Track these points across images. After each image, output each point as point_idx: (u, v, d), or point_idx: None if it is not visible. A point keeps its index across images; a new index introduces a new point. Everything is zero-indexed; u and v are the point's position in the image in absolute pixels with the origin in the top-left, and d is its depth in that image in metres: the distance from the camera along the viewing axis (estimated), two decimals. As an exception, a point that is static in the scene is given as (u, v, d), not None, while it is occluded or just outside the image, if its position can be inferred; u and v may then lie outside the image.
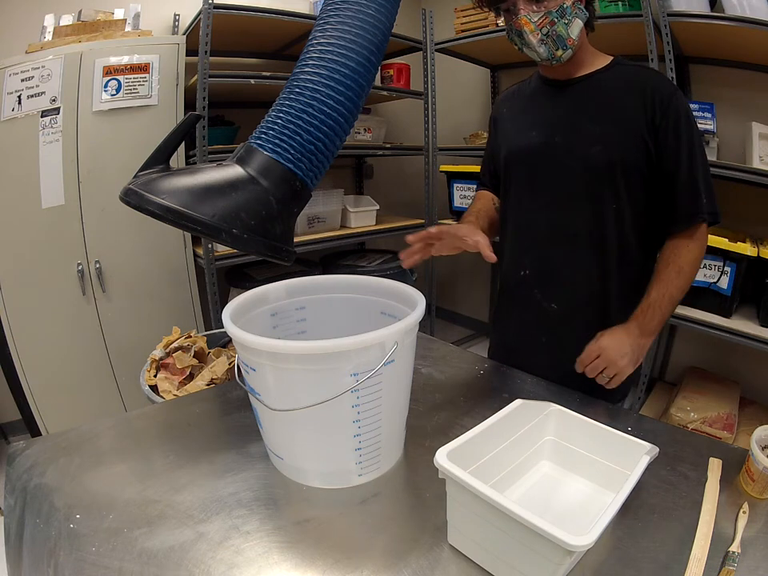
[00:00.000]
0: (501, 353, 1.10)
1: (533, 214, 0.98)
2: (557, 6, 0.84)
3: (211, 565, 0.51)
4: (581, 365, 0.87)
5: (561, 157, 0.93)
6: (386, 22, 0.64)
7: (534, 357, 1.01)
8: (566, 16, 0.85)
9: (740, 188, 1.90)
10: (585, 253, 0.94)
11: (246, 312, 0.71)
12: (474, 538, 0.51)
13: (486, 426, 0.57)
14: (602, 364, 0.85)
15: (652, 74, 0.91)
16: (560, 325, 0.98)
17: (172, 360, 1.31)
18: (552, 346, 0.99)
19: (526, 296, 1.01)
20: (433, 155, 2.66)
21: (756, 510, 0.58)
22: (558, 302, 0.97)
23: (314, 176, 0.63)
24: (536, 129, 0.96)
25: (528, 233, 0.99)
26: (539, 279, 0.99)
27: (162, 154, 0.60)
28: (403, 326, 0.58)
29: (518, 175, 1.01)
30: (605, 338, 0.86)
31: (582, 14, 0.87)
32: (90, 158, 1.84)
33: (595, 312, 0.95)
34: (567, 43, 0.86)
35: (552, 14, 0.84)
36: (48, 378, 1.89)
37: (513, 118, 1.04)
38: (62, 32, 1.84)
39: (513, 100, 1.06)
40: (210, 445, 0.72)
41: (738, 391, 2.06)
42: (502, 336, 1.13)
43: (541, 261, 0.98)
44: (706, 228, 0.90)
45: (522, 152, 0.99)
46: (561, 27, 0.85)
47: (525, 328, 1.04)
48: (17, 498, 0.61)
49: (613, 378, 0.85)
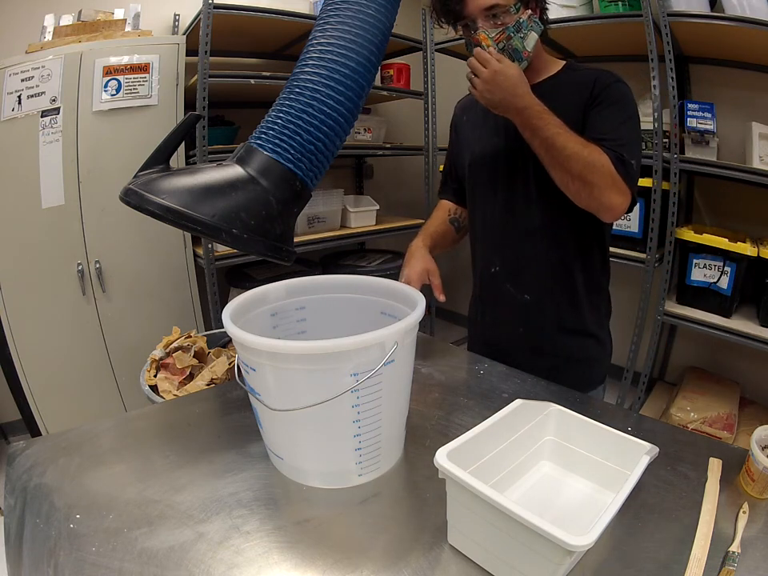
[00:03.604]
0: (480, 349, 1.13)
1: (496, 215, 1.04)
2: (513, 21, 0.87)
3: (211, 565, 0.51)
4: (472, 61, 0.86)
5: (517, 160, 0.98)
6: (386, 22, 0.64)
7: (514, 347, 1.07)
8: (521, 30, 0.88)
9: (740, 188, 1.90)
10: (545, 246, 1.00)
11: (246, 312, 0.71)
12: (474, 537, 0.51)
13: (486, 426, 0.57)
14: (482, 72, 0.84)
15: (599, 72, 0.93)
16: (534, 313, 1.04)
17: (172, 360, 1.31)
18: (530, 334, 1.05)
19: (499, 291, 1.07)
20: (433, 155, 2.66)
21: (756, 510, 0.58)
22: (529, 293, 1.03)
23: (314, 176, 0.63)
24: (497, 135, 1.02)
25: (494, 232, 1.06)
26: (509, 274, 1.05)
27: (162, 153, 0.60)
28: (403, 326, 0.58)
29: (481, 179, 1.07)
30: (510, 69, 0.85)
31: (537, 27, 0.91)
32: (90, 158, 1.84)
33: (565, 296, 1.02)
34: (523, 56, 0.90)
35: (509, 29, 0.88)
36: (48, 378, 1.89)
37: (473, 126, 1.10)
38: (62, 32, 1.84)
39: (473, 108, 1.10)
40: (210, 445, 0.72)
41: (738, 391, 2.07)
42: (480, 332, 1.17)
43: (508, 257, 1.05)
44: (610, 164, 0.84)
45: (484, 158, 1.05)
46: (517, 41, 0.89)
47: (501, 321, 1.09)
48: (17, 498, 0.61)
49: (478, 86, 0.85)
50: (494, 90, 0.85)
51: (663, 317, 1.94)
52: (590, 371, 1.06)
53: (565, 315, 1.02)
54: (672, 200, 1.87)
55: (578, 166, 0.83)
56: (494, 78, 0.84)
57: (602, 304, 1.07)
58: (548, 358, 1.04)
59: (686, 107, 1.89)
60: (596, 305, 1.05)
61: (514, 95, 0.85)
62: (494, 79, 0.84)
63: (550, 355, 1.04)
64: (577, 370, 1.03)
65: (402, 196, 3.24)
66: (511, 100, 0.85)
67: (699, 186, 2.18)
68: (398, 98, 2.67)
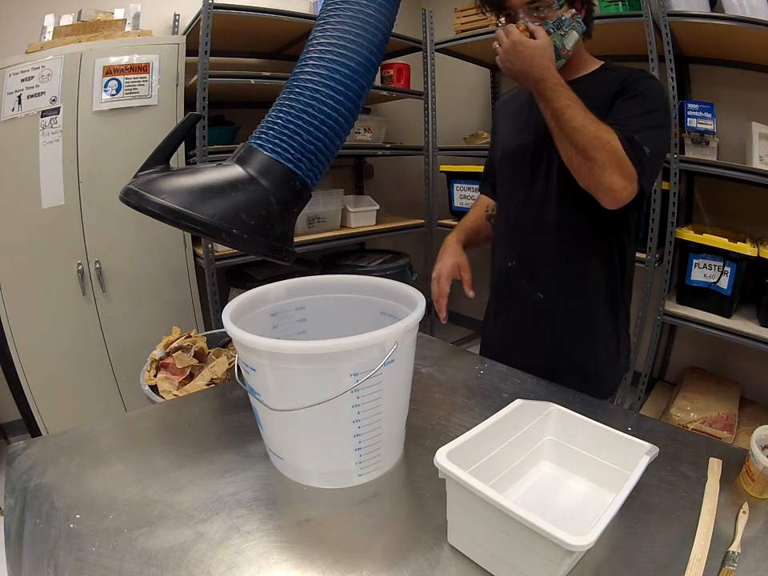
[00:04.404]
0: (492, 348, 1.13)
1: (519, 209, 1.03)
2: (555, 17, 0.87)
3: (211, 565, 0.51)
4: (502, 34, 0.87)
5: (541, 156, 0.98)
6: (386, 22, 0.64)
7: (523, 348, 1.05)
8: (562, 28, 0.88)
9: (740, 188, 1.90)
10: (560, 243, 0.98)
11: (246, 312, 0.71)
12: (474, 537, 0.51)
13: (486, 426, 0.57)
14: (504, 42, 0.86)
15: (633, 70, 0.93)
16: (547, 314, 1.02)
17: (172, 360, 1.31)
18: (540, 336, 1.03)
19: (513, 287, 1.06)
20: (433, 155, 2.66)
21: (756, 510, 0.58)
22: (543, 291, 1.01)
23: (314, 176, 0.63)
24: (527, 130, 1.01)
25: (515, 227, 1.05)
26: (524, 270, 1.04)
27: (162, 153, 0.60)
28: (403, 326, 0.58)
29: (508, 174, 1.07)
30: (531, 41, 0.85)
31: (580, 27, 0.90)
32: (90, 158, 1.84)
33: (580, 299, 0.99)
34: (561, 53, 0.90)
35: (548, 24, 0.88)
36: (48, 378, 1.89)
37: (507, 121, 1.10)
38: (62, 32, 1.84)
39: (509, 104, 1.11)
40: (209, 445, 0.72)
41: (738, 391, 2.07)
42: (491, 333, 1.16)
43: (525, 252, 1.03)
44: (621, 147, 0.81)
45: (513, 152, 1.04)
46: (556, 38, 0.88)
47: (513, 320, 1.08)
48: (17, 498, 0.61)
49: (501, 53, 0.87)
50: (514, 59, 0.86)
51: (663, 317, 1.94)
52: (599, 385, 1.01)
53: (577, 319, 0.99)
54: (672, 200, 1.87)
55: (582, 139, 0.81)
56: (514, 48, 0.85)
57: (620, 312, 1.02)
58: (555, 363, 1.00)
59: (686, 107, 1.89)
60: (612, 312, 1.00)
61: (531, 65, 0.85)
62: (514, 48, 0.85)
63: (558, 360, 1.01)
64: (584, 380, 0.95)
65: (402, 196, 3.24)
66: (528, 70, 0.85)
67: (699, 186, 2.18)
68: (398, 97, 2.67)
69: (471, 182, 2.54)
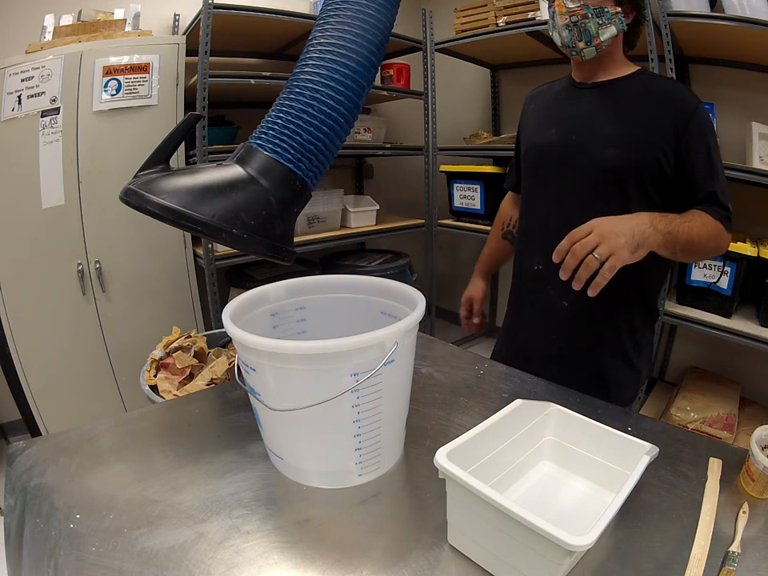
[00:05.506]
0: (506, 354, 1.11)
1: (546, 210, 1.00)
2: (597, 4, 0.87)
3: (211, 565, 0.51)
4: (568, 241, 0.75)
5: (575, 155, 0.95)
6: (386, 22, 0.64)
7: (541, 354, 1.03)
8: (602, 17, 0.88)
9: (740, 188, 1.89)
10: None
11: (246, 312, 0.71)
12: (474, 537, 0.51)
13: (486, 426, 0.57)
14: (593, 240, 0.72)
15: (676, 85, 0.94)
16: (569, 323, 0.99)
17: (172, 360, 1.31)
18: (560, 344, 1.01)
19: (538, 292, 1.03)
20: (433, 155, 2.66)
21: (756, 510, 0.58)
22: (569, 300, 0.98)
23: (314, 176, 0.63)
24: (555, 127, 0.99)
25: (542, 229, 1.01)
26: (552, 274, 0.96)
27: (162, 153, 0.60)
28: (403, 326, 0.58)
29: (534, 171, 1.04)
30: (598, 219, 0.77)
31: (620, 24, 0.90)
32: (90, 158, 1.84)
33: (604, 312, 0.96)
34: (593, 41, 0.89)
35: (588, 8, 0.88)
36: (48, 378, 1.89)
37: (536, 115, 1.07)
38: (62, 32, 1.84)
39: (540, 98, 1.09)
40: (209, 445, 0.72)
41: (738, 391, 2.07)
42: (510, 337, 1.14)
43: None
44: (724, 228, 0.87)
45: (539, 148, 1.02)
46: (592, 24, 0.88)
47: (534, 326, 1.05)
48: (17, 498, 0.61)
49: (606, 262, 0.71)
50: (615, 237, 0.73)
51: (663, 317, 1.94)
52: (619, 394, 0.99)
53: (603, 331, 0.96)
54: (672, 200, 1.87)
55: (706, 251, 0.89)
56: (603, 231, 0.73)
57: (647, 325, 0.99)
58: (574, 373, 0.97)
59: (686, 107, 1.89)
60: (640, 327, 0.98)
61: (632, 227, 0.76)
62: (603, 233, 0.73)
63: (578, 370, 0.98)
64: (605, 390, 0.95)
65: (402, 196, 3.24)
66: (637, 232, 0.76)
67: (699, 186, 2.18)
68: (398, 97, 2.67)
69: (471, 182, 2.53)
